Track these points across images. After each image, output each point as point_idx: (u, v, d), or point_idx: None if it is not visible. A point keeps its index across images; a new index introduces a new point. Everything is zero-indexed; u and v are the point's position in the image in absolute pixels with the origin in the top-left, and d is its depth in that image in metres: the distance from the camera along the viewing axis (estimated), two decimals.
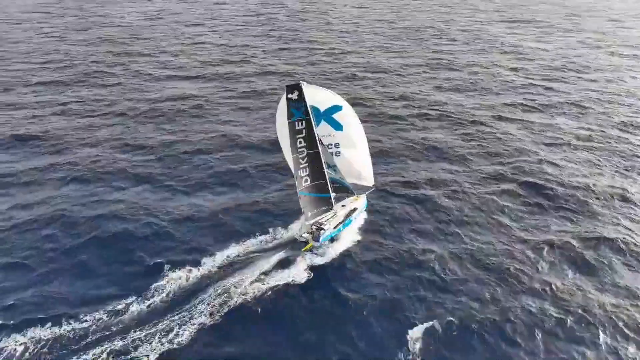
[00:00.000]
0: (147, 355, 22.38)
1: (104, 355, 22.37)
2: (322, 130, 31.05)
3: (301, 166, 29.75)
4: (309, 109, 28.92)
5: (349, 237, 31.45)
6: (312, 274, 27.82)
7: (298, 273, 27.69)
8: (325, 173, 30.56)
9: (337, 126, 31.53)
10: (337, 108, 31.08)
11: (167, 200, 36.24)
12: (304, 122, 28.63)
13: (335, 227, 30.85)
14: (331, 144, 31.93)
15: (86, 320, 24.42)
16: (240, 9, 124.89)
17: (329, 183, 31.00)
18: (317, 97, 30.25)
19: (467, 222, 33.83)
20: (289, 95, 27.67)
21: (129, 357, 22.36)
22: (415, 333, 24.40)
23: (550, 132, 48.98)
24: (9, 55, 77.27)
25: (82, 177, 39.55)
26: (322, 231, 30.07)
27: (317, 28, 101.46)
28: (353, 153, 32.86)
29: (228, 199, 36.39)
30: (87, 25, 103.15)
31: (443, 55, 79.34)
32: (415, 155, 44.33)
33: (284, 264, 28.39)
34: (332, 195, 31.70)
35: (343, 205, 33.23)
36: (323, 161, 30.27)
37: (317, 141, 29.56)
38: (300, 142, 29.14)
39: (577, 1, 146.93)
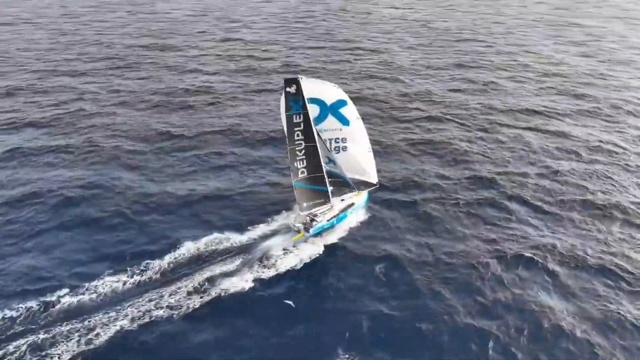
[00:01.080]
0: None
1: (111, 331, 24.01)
2: (328, 124, 31.85)
3: (298, 158, 30.68)
4: (307, 102, 29.81)
5: (343, 230, 32.05)
6: (301, 265, 28.68)
7: (286, 263, 28.57)
8: (323, 166, 31.33)
9: (345, 121, 32.22)
10: (342, 103, 31.79)
11: (158, 187, 37.86)
12: (301, 115, 29.54)
13: (328, 220, 31.53)
14: (338, 138, 32.69)
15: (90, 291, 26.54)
16: (281, 7, 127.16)
17: (326, 176, 31.75)
18: (322, 90, 31.08)
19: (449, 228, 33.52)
20: (287, 89, 28.67)
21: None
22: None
23: (567, 142, 47.13)
24: (55, 45, 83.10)
25: (80, 160, 42.36)
26: (314, 222, 30.87)
27: (351, 27, 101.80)
28: (359, 149, 33.46)
29: (222, 188, 37.74)
30: (133, 20, 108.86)
31: (474, 56, 77.68)
32: (419, 155, 44.29)
33: (273, 253, 29.31)
34: (330, 189, 32.42)
35: (342, 200, 33.81)
36: (321, 155, 31.04)
37: (315, 135, 30.39)
38: (297, 135, 30.09)
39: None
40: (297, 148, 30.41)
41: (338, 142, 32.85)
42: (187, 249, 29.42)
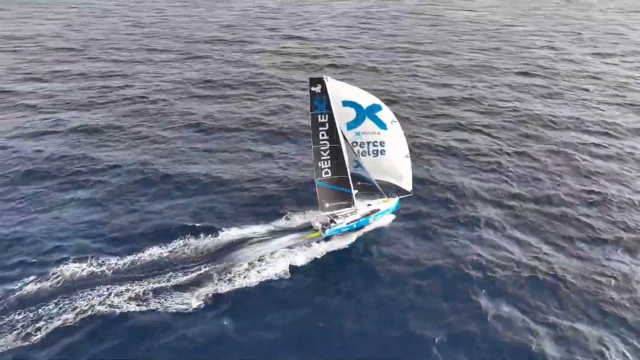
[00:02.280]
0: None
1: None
2: (366, 127, 31.29)
3: (322, 158, 30.58)
4: (341, 105, 29.76)
5: (364, 233, 31.54)
6: (312, 264, 28.67)
7: (298, 260, 28.66)
8: (347, 168, 30.99)
9: (382, 125, 31.57)
10: (378, 107, 31.17)
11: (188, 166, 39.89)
12: (326, 115, 29.40)
13: (347, 224, 31.15)
14: (376, 142, 31.94)
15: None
16: (355, 7, 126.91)
17: (350, 179, 31.37)
18: (357, 93, 30.70)
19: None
20: (312, 89, 28.63)
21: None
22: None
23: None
24: (132, 36, 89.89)
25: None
26: (332, 224, 30.66)
27: (418, 29, 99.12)
28: (397, 153, 32.57)
29: (247, 179, 38.51)
30: (207, 15, 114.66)
31: (542, 63, 72.22)
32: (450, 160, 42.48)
33: (288, 249, 29.50)
34: (355, 192, 31.98)
35: (369, 205, 33.21)
36: (346, 157, 30.73)
37: (340, 136, 30.13)
38: (322, 135, 29.99)
39: None
40: (322, 148, 30.33)
41: (376, 146, 32.15)
42: (203, 238, 30.45)
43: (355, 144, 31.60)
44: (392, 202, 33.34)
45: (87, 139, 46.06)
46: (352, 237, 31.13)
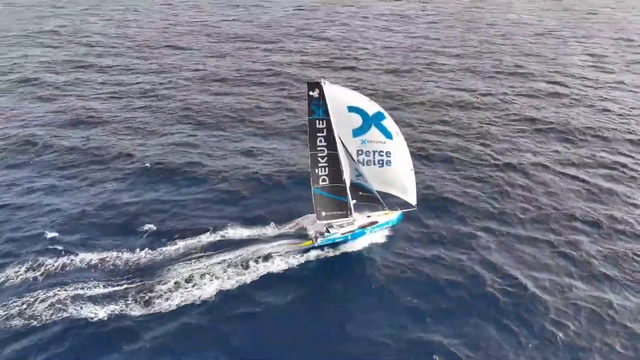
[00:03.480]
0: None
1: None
2: (373, 135, 30.04)
3: (320, 165, 29.58)
4: (347, 111, 28.78)
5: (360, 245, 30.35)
6: (298, 271, 27.85)
7: (282, 266, 28.01)
8: (345, 177, 29.79)
9: (388, 134, 30.22)
10: (382, 115, 29.82)
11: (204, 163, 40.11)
12: (324, 121, 28.33)
13: (342, 234, 29.99)
14: (382, 152, 30.59)
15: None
16: (392, 9, 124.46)
17: (349, 187, 30.16)
18: (362, 100, 29.47)
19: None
20: (310, 93, 27.65)
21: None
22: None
23: None
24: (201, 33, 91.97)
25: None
26: (326, 234, 29.57)
27: (452, 32, 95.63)
28: (402, 165, 31.16)
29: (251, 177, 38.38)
30: (245, 14, 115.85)
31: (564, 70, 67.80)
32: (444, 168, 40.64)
33: (277, 254, 28.78)
34: (353, 202, 30.75)
35: (368, 216, 31.95)
36: (344, 164, 29.56)
37: (338, 143, 28.97)
38: (320, 141, 28.97)
39: None
40: (319, 154, 29.30)
41: (382, 155, 30.72)
42: (195, 237, 30.26)
43: (360, 152, 30.35)
44: (394, 215, 31.80)
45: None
46: (346, 248, 29.95)
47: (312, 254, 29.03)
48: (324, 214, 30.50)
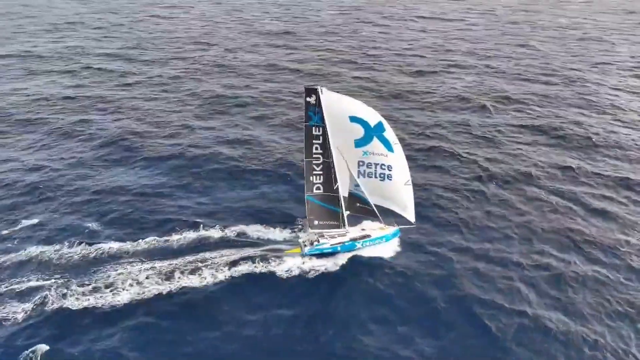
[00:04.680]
0: None
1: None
2: (375, 147, 29.01)
3: (315, 172, 28.85)
4: (348, 121, 27.90)
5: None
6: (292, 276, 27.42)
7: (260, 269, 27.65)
8: (340, 186, 28.95)
9: (389, 147, 29.09)
10: (382, 126, 28.66)
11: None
12: (320, 128, 27.54)
13: (332, 245, 29.16)
14: (384, 165, 29.53)
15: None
16: (435, 10, 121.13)
17: (342, 197, 29.29)
18: (364, 110, 28.46)
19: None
20: (308, 99, 26.88)
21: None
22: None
23: None
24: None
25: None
26: (315, 243, 28.90)
27: (491, 34, 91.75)
28: (402, 179, 30.04)
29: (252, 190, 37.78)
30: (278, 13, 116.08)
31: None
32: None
33: (259, 258, 28.50)
34: (347, 213, 29.87)
35: (363, 229, 30.98)
36: (338, 174, 28.70)
37: (335, 152, 28.14)
38: (316, 148, 28.21)
39: None
40: (315, 162, 28.54)
41: (384, 169, 29.58)
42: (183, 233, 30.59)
43: (362, 164, 29.38)
44: (389, 230, 30.63)
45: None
46: (333, 259, 29.05)
47: (298, 262, 28.37)
48: (316, 222, 29.77)
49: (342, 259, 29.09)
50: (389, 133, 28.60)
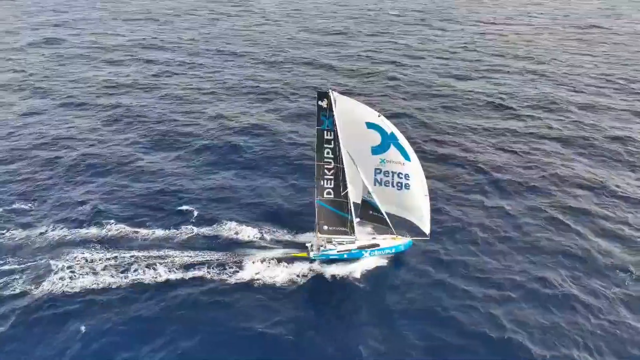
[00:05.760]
0: None
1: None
2: (392, 155, 28.24)
3: (326, 177, 28.60)
4: (365, 127, 27.37)
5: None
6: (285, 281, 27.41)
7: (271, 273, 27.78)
8: (350, 193, 28.47)
9: (406, 155, 28.22)
10: (396, 136, 27.85)
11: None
12: (332, 132, 27.23)
13: (338, 252, 28.80)
14: (401, 174, 28.70)
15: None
16: (498, 12, 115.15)
17: (350, 203, 28.78)
18: (378, 117, 27.80)
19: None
20: (319, 103, 26.66)
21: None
22: None
23: None
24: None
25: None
26: (322, 248, 28.70)
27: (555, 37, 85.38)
28: (419, 190, 29.06)
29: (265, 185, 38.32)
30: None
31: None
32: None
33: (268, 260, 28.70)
34: (357, 220, 29.35)
35: (373, 238, 30.30)
36: (349, 180, 28.25)
37: (347, 158, 27.71)
38: (327, 153, 27.94)
39: None
40: (326, 166, 28.27)
41: (401, 178, 28.67)
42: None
43: (378, 171, 28.72)
44: (401, 241, 29.64)
45: None
46: (342, 265, 28.66)
47: (304, 266, 28.32)
48: (326, 227, 29.52)
49: (349, 266, 28.64)
50: (404, 143, 27.73)
